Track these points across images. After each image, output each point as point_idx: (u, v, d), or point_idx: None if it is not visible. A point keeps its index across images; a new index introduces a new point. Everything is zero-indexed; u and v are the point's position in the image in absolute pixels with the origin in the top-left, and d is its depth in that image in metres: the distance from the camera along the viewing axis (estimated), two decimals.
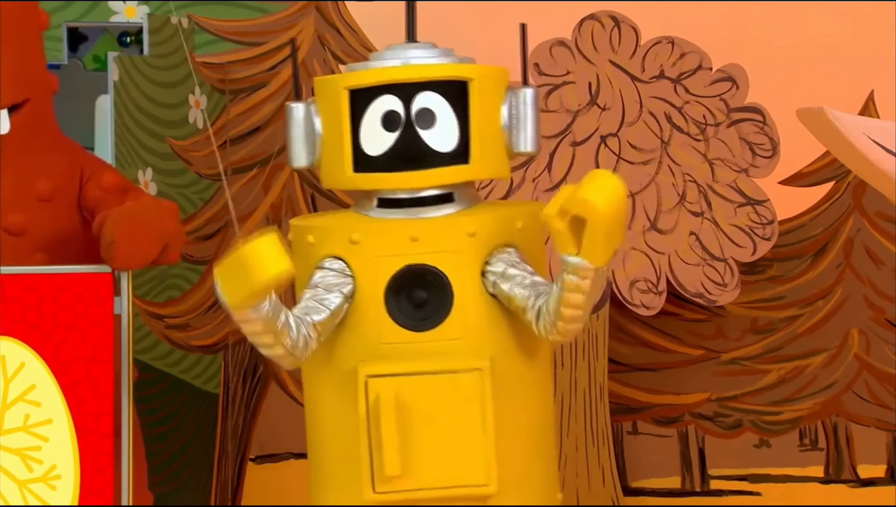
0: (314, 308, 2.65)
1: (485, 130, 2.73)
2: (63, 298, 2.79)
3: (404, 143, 2.70)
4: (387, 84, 2.70)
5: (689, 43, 3.79)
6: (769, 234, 3.79)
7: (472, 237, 2.69)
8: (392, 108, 2.70)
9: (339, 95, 2.72)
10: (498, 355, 2.68)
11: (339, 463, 2.72)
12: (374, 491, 2.64)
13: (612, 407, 3.87)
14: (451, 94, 2.71)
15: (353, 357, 2.68)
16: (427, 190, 2.72)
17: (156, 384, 3.92)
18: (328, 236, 2.74)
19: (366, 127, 2.71)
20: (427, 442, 2.64)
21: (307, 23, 3.98)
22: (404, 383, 2.64)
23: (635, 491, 4.03)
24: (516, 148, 2.77)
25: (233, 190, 3.98)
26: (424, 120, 2.70)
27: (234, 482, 4.00)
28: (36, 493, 2.76)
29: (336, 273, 2.69)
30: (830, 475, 4.05)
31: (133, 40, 4.26)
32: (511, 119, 2.76)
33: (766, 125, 3.79)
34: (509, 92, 2.77)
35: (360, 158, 2.72)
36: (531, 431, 2.76)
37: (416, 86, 2.70)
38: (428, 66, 2.73)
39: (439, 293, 2.68)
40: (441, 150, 2.71)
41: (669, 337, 4.03)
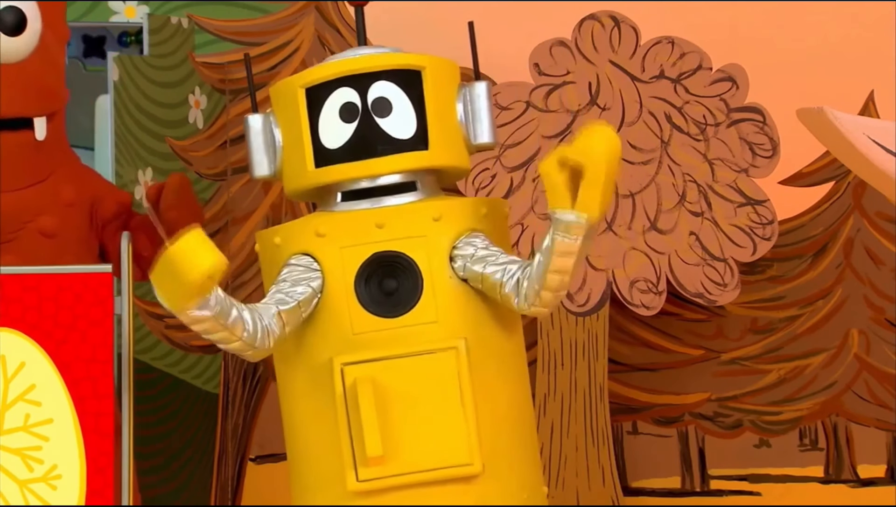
0: (280, 300, 2.66)
1: (441, 118, 2.77)
2: (63, 297, 2.80)
3: (363, 132, 2.73)
4: (342, 77, 2.74)
5: (689, 43, 3.79)
6: (769, 234, 3.79)
7: (437, 221, 2.71)
8: (349, 99, 2.74)
9: (296, 95, 2.76)
10: (471, 335, 2.70)
11: (320, 459, 2.72)
12: (357, 479, 2.64)
13: (612, 407, 3.87)
14: (406, 83, 2.75)
15: (327, 350, 2.69)
16: (388, 176, 2.75)
17: (156, 384, 3.92)
18: (294, 235, 2.76)
19: (324, 121, 2.75)
20: (407, 425, 2.65)
21: (307, 23, 3.98)
22: (380, 367, 2.65)
23: (635, 491, 4.03)
24: (474, 140, 2.81)
25: (233, 190, 3.98)
26: (381, 108, 2.74)
27: (234, 482, 4.00)
28: (36, 493, 2.76)
29: (303, 268, 2.71)
30: (830, 475, 4.05)
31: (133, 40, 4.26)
32: (466, 113, 2.80)
33: (766, 125, 3.79)
34: (463, 87, 2.81)
35: (321, 154, 2.75)
36: (511, 409, 2.77)
37: (371, 76, 2.74)
38: (381, 55, 2.78)
39: (409, 279, 2.70)
40: (399, 137, 2.74)
41: (669, 337, 4.03)
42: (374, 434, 2.61)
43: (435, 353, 2.67)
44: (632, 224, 3.77)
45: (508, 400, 2.76)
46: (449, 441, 2.66)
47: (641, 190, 3.78)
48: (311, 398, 2.73)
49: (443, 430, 2.66)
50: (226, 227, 3.97)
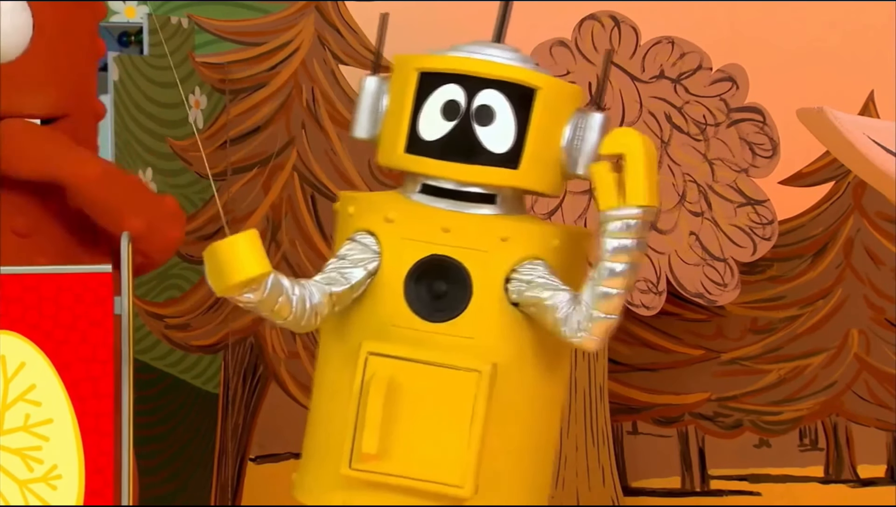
0: (335, 280, 2.66)
1: (542, 141, 2.70)
2: (63, 298, 2.79)
3: (458, 134, 2.69)
4: (455, 74, 2.69)
5: (689, 43, 3.79)
6: (769, 234, 3.80)
7: (504, 242, 2.67)
8: (454, 97, 2.69)
9: (410, 75, 2.72)
10: (505, 363, 2.66)
11: (329, 434, 2.71)
12: (349, 466, 2.64)
13: (612, 407, 3.87)
14: (517, 98, 2.69)
15: (362, 333, 2.68)
16: (470, 185, 2.71)
17: (156, 384, 3.92)
18: (367, 210, 2.74)
19: (426, 112, 2.71)
20: (412, 431, 2.63)
21: (307, 23, 3.98)
22: (403, 367, 2.63)
23: (635, 491, 4.03)
24: (572, 169, 2.73)
25: (233, 190, 3.98)
26: (483, 116, 2.69)
27: (234, 482, 4.00)
28: (36, 493, 2.76)
29: (364, 247, 2.70)
30: (830, 475, 4.05)
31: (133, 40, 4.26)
32: (573, 140, 2.72)
33: (766, 125, 3.79)
34: (578, 113, 2.74)
35: (415, 140, 2.71)
36: (525, 444, 2.73)
37: (483, 81, 2.69)
38: (499, 64, 2.71)
39: (458, 289, 2.66)
40: (493, 149, 2.69)
41: (669, 337, 4.03)
42: (373, 433, 2.60)
43: (459, 370, 2.63)
44: None
45: (525, 434, 2.72)
46: (446, 459, 2.63)
47: None
48: (338, 371, 2.72)
49: (444, 446, 2.63)
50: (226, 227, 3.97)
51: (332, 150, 3.98)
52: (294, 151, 3.97)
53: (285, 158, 3.98)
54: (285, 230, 3.97)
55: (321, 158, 3.99)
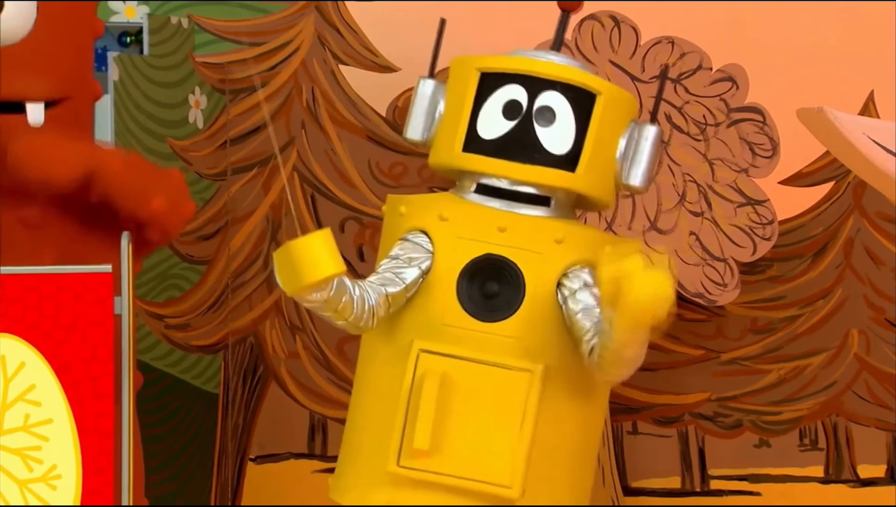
0: (390, 280, 2.66)
1: (600, 147, 2.72)
2: (63, 297, 2.79)
3: (518, 133, 2.70)
4: (517, 74, 2.71)
5: (689, 43, 3.79)
6: (769, 234, 3.79)
7: (559, 244, 2.68)
8: (516, 97, 2.71)
9: (470, 75, 2.73)
10: (554, 365, 2.66)
11: (373, 433, 2.71)
12: (397, 464, 2.63)
13: (612, 407, 3.87)
14: (577, 101, 2.71)
15: (412, 332, 2.68)
16: (527, 185, 2.71)
17: (156, 384, 3.92)
18: (420, 209, 2.74)
19: (486, 111, 2.72)
20: (462, 430, 2.63)
21: (307, 23, 3.98)
22: (455, 365, 2.63)
23: (635, 491, 4.03)
24: (625, 179, 2.77)
25: (233, 190, 3.98)
26: (544, 117, 2.70)
27: (234, 482, 4.00)
28: (36, 493, 2.76)
29: (417, 246, 2.70)
30: (830, 475, 4.05)
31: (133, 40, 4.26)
32: (628, 150, 2.76)
33: (766, 125, 3.79)
34: (633, 124, 2.77)
35: (472, 139, 2.73)
36: (571, 449, 2.74)
37: (545, 83, 2.71)
38: (562, 66, 2.74)
39: (512, 289, 2.67)
40: (552, 150, 2.70)
41: (669, 337, 4.02)
42: (425, 428, 2.60)
43: (511, 370, 2.64)
44: (632, 224, 3.77)
45: (571, 437, 2.73)
46: (496, 459, 2.63)
47: None
48: (385, 371, 2.72)
49: (494, 446, 2.63)
50: (226, 227, 3.97)
51: (332, 150, 3.98)
52: (294, 151, 3.97)
53: (285, 158, 3.98)
54: (285, 230, 3.97)
55: (321, 158, 3.99)
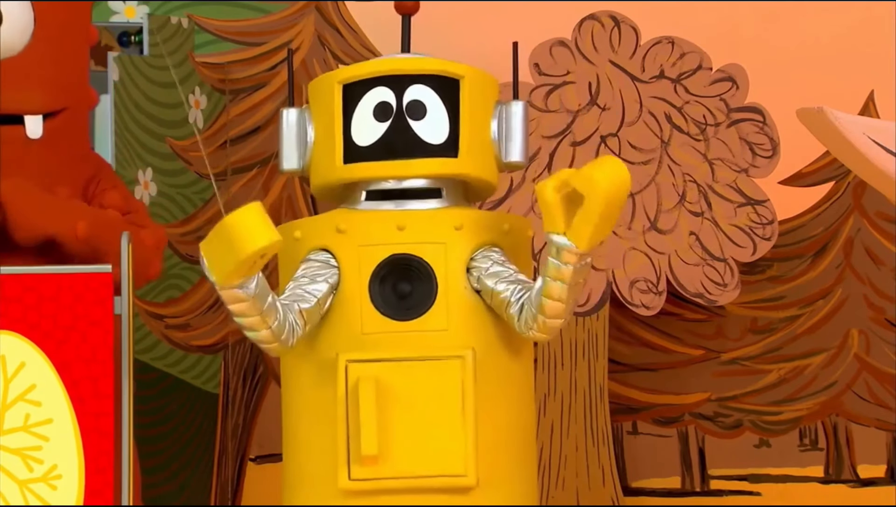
0: (301, 296, 2.65)
1: (474, 129, 2.76)
2: (63, 297, 2.79)
3: (394, 132, 2.73)
4: (380, 77, 2.74)
5: (689, 43, 3.79)
6: (769, 234, 3.80)
7: (459, 230, 2.71)
8: (384, 98, 2.74)
9: (333, 90, 2.76)
10: (480, 348, 2.68)
11: (315, 455, 2.71)
12: (349, 478, 2.63)
13: (612, 407, 3.87)
14: (443, 90, 2.75)
15: (335, 346, 2.68)
16: (415, 180, 2.75)
17: (156, 384, 3.92)
18: (314, 229, 2.76)
19: (357, 119, 2.75)
20: (406, 429, 2.64)
21: (307, 23, 3.98)
22: (385, 368, 2.64)
23: (635, 491, 4.03)
24: (506, 158, 2.80)
25: (233, 190, 3.98)
26: (415, 111, 2.74)
27: (234, 482, 4.00)
28: (36, 493, 2.76)
29: (321, 264, 2.71)
30: (830, 475, 4.05)
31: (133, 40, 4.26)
32: (501, 130, 2.79)
33: (766, 125, 3.79)
34: (499, 104, 2.81)
35: (351, 150, 2.75)
36: (512, 427, 2.75)
37: (409, 78, 2.74)
38: (421, 59, 2.78)
39: (423, 284, 2.69)
40: (431, 141, 2.74)
41: (669, 337, 4.03)
42: (370, 433, 2.60)
43: (442, 360, 2.65)
44: (632, 224, 3.77)
45: (510, 415, 2.75)
46: (446, 450, 2.64)
47: (641, 190, 3.78)
48: (313, 393, 2.72)
49: (441, 438, 2.64)
50: None
51: None
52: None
53: None
54: None
55: None
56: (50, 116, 3.05)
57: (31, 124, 3.02)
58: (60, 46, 3.07)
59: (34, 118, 3.02)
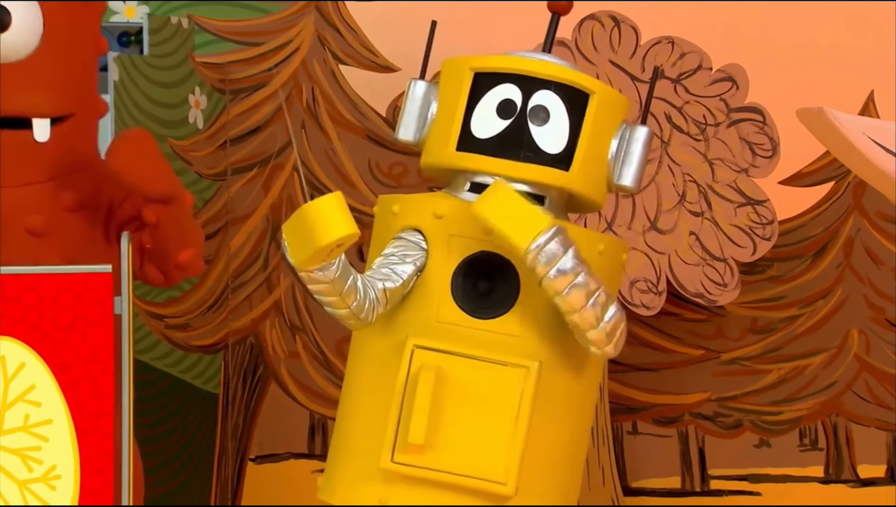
0: (387, 275, 2.65)
1: (593, 146, 2.73)
2: (63, 298, 2.79)
3: (513, 131, 2.70)
4: (511, 74, 2.72)
5: (689, 43, 3.79)
6: (769, 234, 3.80)
7: None
8: (510, 96, 2.71)
9: (464, 75, 2.73)
10: (548, 361, 2.66)
11: (365, 430, 2.70)
12: (391, 460, 2.63)
13: (612, 407, 3.87)
14: (571, 101, 2.71)
15: (407, 328, 2.68)
16: (521, 183, 2.71)
17: (156, 384, 3.92)
18: (413, 208, 2.74)
19: (479, 111, 2.72)
20: (456, 426, 2.62)
21: (307, 23, 3.98)
22: (450, 361, 2.63)
23: (635, 491, 4.03)
24: (617, 180, 2.77)
25: (233, 190, 3.98)
26: (538, 116, 2.70)
27: (234, 482, 4.00)
28: (36, 493, 2.76)
29: (412, 244, 2.70)
30: (830, 475, 4.05)
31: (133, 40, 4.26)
32: (619, 151, 2.76)
33: (766, 125, 3.79)
34: (624, 125, 2.77)
35: (466, 138, 2.73)
36: (562, 445, 2.73)
37: (539, 82, 2.71)
38: (556, 65, 2.74)
39: (506, 286, 2.67)
40: (546, 149, 2.70)
41: (669, 337, 4.03)
42: (421, 422, 2.59)
43: (507, 366, 2.63)
44: (632, 224, 3.77)
45: (563, 432, 2.73)
46: (490, 455, 2.63)
47: (641, 190, 3.78)
48: (377, 368, 2.71)
49: (488, 442, 2.63)
50: (226, 227, 3.97)
51: (332, 150, 3.98)
52: (294, 151, 3.97)
53: (285, 158, 3.98)
54: None
55: (321, 158, 3.99)
56: (58, 120, 3.05)
57: (38, 128, 3.02)
58: (69, 52, 3.07)
59: (42, 122, 3.02)
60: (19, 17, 2.98)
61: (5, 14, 2.96)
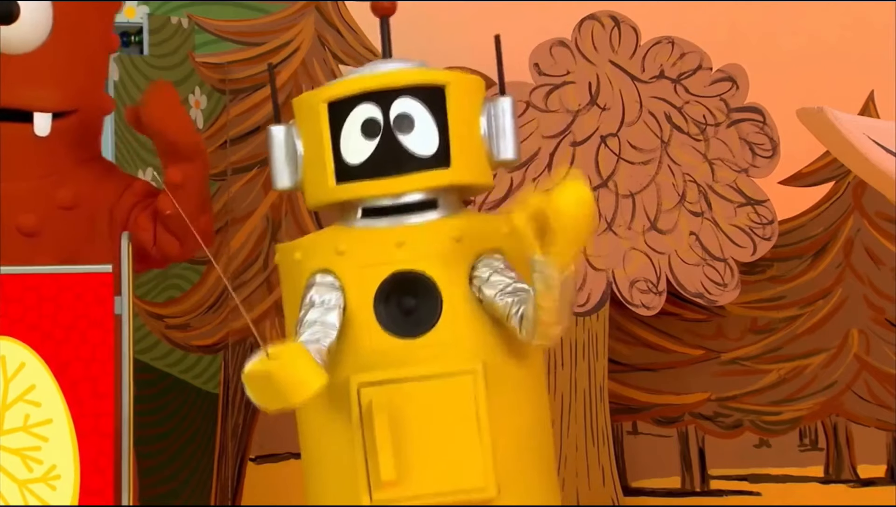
0: (322, 333, 2.65)
1: (464, 135, 2.73)
2: (63, 298, 2.79)
3: (384, 148, 2.70)
4: (364, 93, 2.72)
5: (689, 43, 3.80)
6: (769, 234, 3.80)
7: (458, 242, 2.69)
8: (371, 115, 2.71)
9: (318, 109, 2.73)
10: (489, 358, 2.67)
11: (335, 476, 2.71)
12: (370, 501, 2.63)
13: (612, 407, 3.87)
14: (429, 100, 2.72)
15: (345, 368, 2.67)
16: (410, 195, 2.72)
17: (156, 384, 3.92)
18: (314, 250, 2.74)
19: (346, 137, 2.72)
20: (423, 447, 2.63)
21: (307, 23, 3.98)
22: (397, 389, 2.63)
23: (635, 491, 4.03)
24: (497, 156, 2.78)
25: (233, 190, 3.98)
26: (403, 125, 2.71)
27: (234, 482, 4.00)
28: (36, 493, 2.76)
29: (327, 287, 2.69)
30: (830, 475, 4.05)
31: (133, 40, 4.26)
32: (490, 128, 2.77)
33: (766, 125, 3.79)
34: (487, 102, 2.78)
35: (342, 169, 2.72)
36: (527, 433, 2.74)
37: (393, 92, 2.71)
38: (403, 71, 2.75)
39: (428, 299, 2.67)
40: (421, 154, 2.71)
41: (669, 337, 4.03)
42: (387, 459, 2.59)
43: (453, 376, 2.64)
44: (632, 224, 3.77)
45: (526, 424, 2.74)
46: (464, 465, 2.63)
47: (641, 190, 3.78)
48: (328, 415, 2.71)
49: (458, 453, 2.63)
50: (226, 227, 3.97)
51: None
52: None
53: None
54: (285, 230, 3.97)
55: None
56: (60, 115, 3.05)
57: (39, 121, 3.02)
58: (77, 49, 3.07)
59: (43, 116, 3.02)
60: (28, 10, 2.98)
61: (13, 5, 2.96)
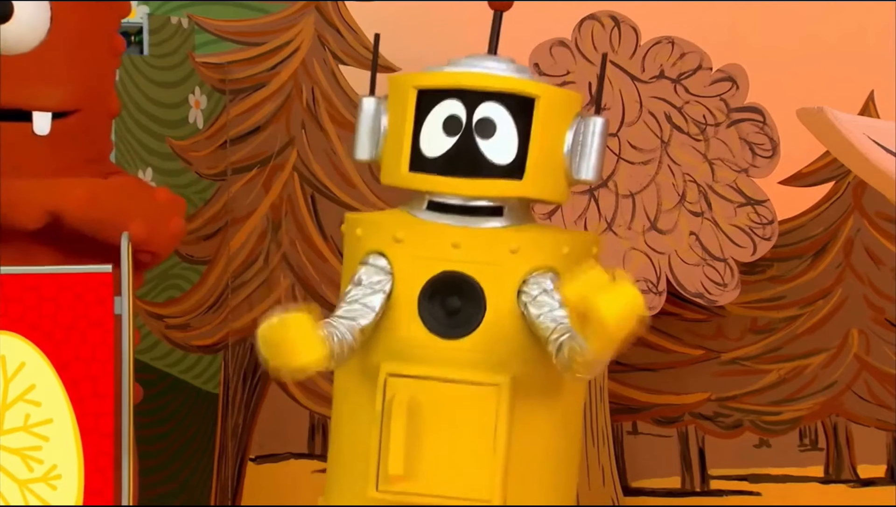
0: (360, 312, 2.65)
1: (544, 150, 2.71)
2: (63, 297, 2.80)
3: (461, 149, 2.68)
4: (453, 89, 2.70)
5: (689, 43, 3.79)
6: (769, 234, 3.79)
7: (514, 254, 2.67)
8: (454, 112, 2.69)
9: (407, 94, 2.72)
10: (522, 375, 2.65)
11: (353, 457, 2.71)
12: (376, 489, 2.64)
13: (612, 407, 3.87)
14: (516, 108, 2.69)
15: (379, 354, 2.68)
16: (477, 199, 2.71)
17: (156, 384, 3.92)
18: (374, 231, 2.74)
19: (427, 129, 2.71)
20: (436, 449, 2.63)
21: (307, 23, 3.98)
22: (422, 386, 2.63)
23: (635, 491, 4.03)
24: (577, 175, 2.74)
25: (233, 190, 3.98)
26: (484, 129, 2.68)
27: (234, 482, 4.00)
28: (36, 493, 2.76)
29: (377, 270, 2.70)
30: (830, 475, 4.05)
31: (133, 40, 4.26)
32: (575, 145, 2.73)
33: (766, 125, 3.79)
34: (578, 118, 2.75)
35: (418, 158, 2.71)
36: (546, 457, 2.73)
37: (482, 95, 2.69)
38: (496, 76, 2.71)
39: (473, 304, 2.66)
40: (496, 161, 2.69)
41: (669, 337, 4.03)
42: (398, 455, 2.59)
43: (479, 385, 2.63)
44: (632, 224, 3.77)
45: (547, 445, 2.72)
46: (473, 474, 2.63)
47: (641, 190, 3.78)
48: (358, 393, 2.72)
49: (470, 461, 2.63)
50: (226, 227, 3.97)
51: (333, 150, 3.98)
52: (294, 151, 3.97)
53: (285, 158, 3.98)
54: (285, 230, 3.98)
55: (321, 158, 3.99)
56: (61, 116, 3.04)
57: (38, 121, 3.02)
58: (77, 49, 3.06)
59: (42, 115, 3.02)
60: (22, 12, 2.98)
61: (7, 5, 2.96)
